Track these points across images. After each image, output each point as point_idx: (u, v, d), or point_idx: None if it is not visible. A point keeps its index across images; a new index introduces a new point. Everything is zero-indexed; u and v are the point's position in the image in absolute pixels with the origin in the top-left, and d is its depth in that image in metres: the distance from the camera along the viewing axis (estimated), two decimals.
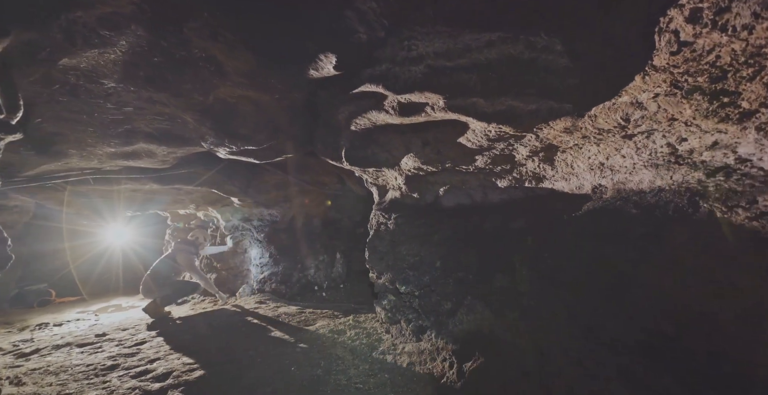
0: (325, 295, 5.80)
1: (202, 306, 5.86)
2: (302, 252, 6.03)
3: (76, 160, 3.18)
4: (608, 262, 1.80)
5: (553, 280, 2.06)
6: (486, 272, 2.51)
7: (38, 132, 2.36)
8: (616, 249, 1.78)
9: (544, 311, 2.03)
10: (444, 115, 1.97)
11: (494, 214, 2.74)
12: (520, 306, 2.14)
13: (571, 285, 1.95)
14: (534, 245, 2.33)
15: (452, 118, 2.06)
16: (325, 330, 3.54)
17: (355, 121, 2.34)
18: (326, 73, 1.77)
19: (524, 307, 2.12)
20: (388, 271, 2.94)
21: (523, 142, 2.05)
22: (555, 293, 2.02)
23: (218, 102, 2.13)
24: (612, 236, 1.82)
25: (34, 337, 4.49)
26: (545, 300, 2.05)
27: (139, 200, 5.85)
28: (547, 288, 2.09)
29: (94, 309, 6.65)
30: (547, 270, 2.12)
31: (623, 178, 1.82)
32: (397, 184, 3.13)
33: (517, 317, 2.12)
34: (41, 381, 2.54)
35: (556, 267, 2.09)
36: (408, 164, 2.76)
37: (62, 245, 8.55)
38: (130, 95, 2.04)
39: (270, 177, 4.94)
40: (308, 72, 1.76)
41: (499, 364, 2.07)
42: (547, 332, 1.94)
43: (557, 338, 1.88)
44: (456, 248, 2.67)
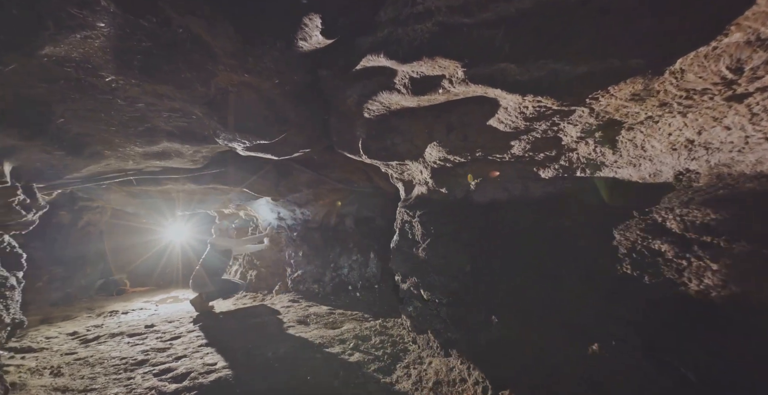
0: (359, 295, 5.62)
1: (243, 301, 6.04)
2: (335, 251, 5.92)
3: (114, 161, 3.31)
4: None
5: (613, 295, 1.61)
6: (526, 279, 2.10)
7: (66, 133, 2.42)
8: None
9: (599, 334, 1.59)
10: (466, 89, 1.63)
11: (537, 210, 2.31)
12: (568, 325, 1.72)
13: (642, 306, 1.49)
14: (588, 248, 1.88)
15: (477, 94, 1.70)
16: (351, 334, 3.34)
17: (366, 106, 2.07)
18: (317, 42, 1.53)
19: (573, 326, 1.69)
20: (413, 274, 2.64)
21: (572, 119, 1.63)
22: (616, 312, 1.58)
23: (220, 93, 2.00)
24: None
25: (104, 323, 4.94)
26: (601, 320, 1.61)
27: (196, 200, 6.15)
28: (602, 304, 1.64)
29: (156, 299, 7.22)
30: (607, 282, 1.67)
31: (727, 159, 1.32)
32: (422, 178, 2.80)
33: (567, 339, 1.70)
34: (77, 372, 2.65)
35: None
36: (432, 154, 2.43)
37: (133, 241, 9.46)
38: (135, 89, 1.97)
39: (299, 176, 4.87)
40: (297, 44, 1.53)
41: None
42: (607, 362, 1.51)
43: (624, 375, 1.44)
44: (489, 251, 2.29)
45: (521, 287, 2.04)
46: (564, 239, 2.01)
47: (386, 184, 4.36)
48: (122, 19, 1.37)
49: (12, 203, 2.74)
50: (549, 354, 1.77)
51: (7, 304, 3.68)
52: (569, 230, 2.00)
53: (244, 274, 7.21)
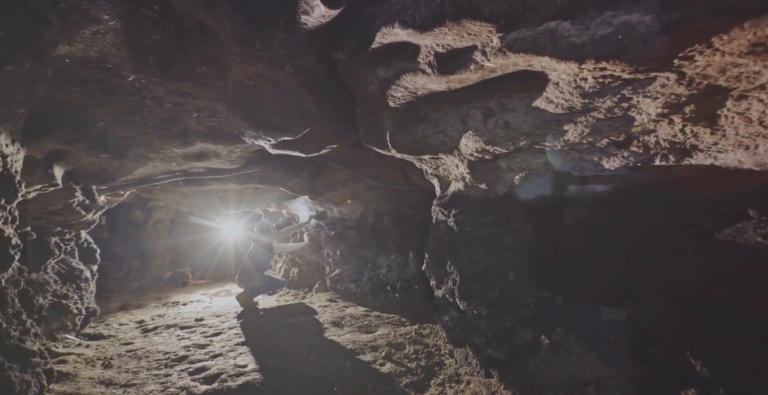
0: (397, 296, 5.42)
1: (285, 298, 6.17)
2: (372, 251, 5.78)
3: (160, 163, 3.46)
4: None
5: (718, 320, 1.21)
6: (588, 293, 1.72)
7: (109, 137, 2.52)
8: None
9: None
10: (504, 62, 1.32)
11: (599, 209, 1.91)
12: (648, 358, 1.34)
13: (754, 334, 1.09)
14: (674, 258, 1.47)
15: (519, 67, 1.38)
16: (384, 341, 3.15)
17: (390, 93, 1.84)
18: (321, 15, 1.34)
19: (656, 359, 1.31)
20: (448, 280, 2.36)
21: (650, 91, 1.25)
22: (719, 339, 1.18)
23: (238, 88, 1.91)
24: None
25: (165, 314, 5.35)
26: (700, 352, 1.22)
27: (241, 200, 6.42)
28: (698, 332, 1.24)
29: (212, 292, 7.71)
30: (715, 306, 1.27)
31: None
32: (459, 173, 2.50)
33: (645, 374, 1.33)
34: (125, 365, 2.78)
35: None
36: (468, 146, 2.13)
37: (193, 237, 10.28)
38: (159, 88, 1.94)
39: (334, 174, 4.78)
40: (300, 20, 1.35)
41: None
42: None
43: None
44: (538, 256, 1.94)
45: (587, 305, 1.67)
46: (643, 247, 1.60)
47: (422, 180, 4.09)
48: (123, 9, 1.30)
49: (72, 204, 2.95)
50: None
51: (82, 294, 4.06)
52: (649, 235, 1.59)
53: (288, 271, 7.38)
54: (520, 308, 1.94)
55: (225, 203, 6.81)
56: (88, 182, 3.11)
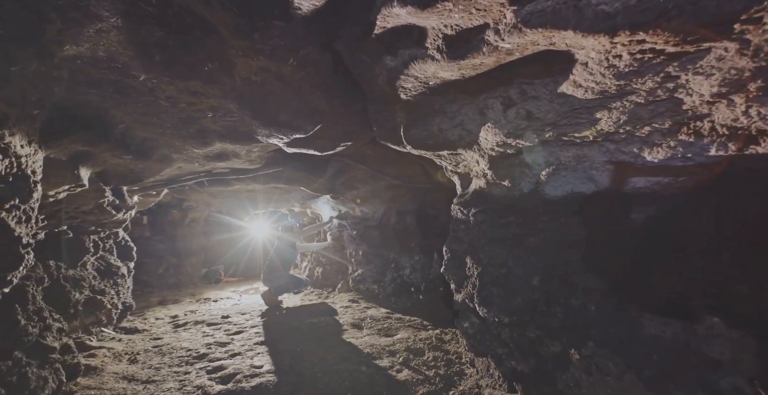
0: (421, 298, 5.28)
1: (309, 297, 6.23)
2: (395, 251, 5.66)
3: (184, 164, 3.55)
4: None
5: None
6: (626, 303, 1.51)
7: (132, 139, 2.59)
8: None
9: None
10: (521, 41, 1.16)
11: (639, 206, 1.68)
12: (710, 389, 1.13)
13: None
14: (735, 265, 1.24)
15: (540, 47, 1.22)
16: (403, 345, 3.03)
17: (400, 85, 1.72)
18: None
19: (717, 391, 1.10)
20: (467, 284, 2.20)
21: (703, 65, 1.04)
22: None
23: (246, 84, 1.87)
24: None
25: (197, 310, 5.57)
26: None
27: (266, 199, 6.54)
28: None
29: (242, 289, 7.96)
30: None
31: None
32: (480, 170, 2.33)
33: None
34: (149, 361, 2.87)
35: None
36: (488, 139, 1.96)
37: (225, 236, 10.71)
38: (170, 88, 1.95)
39: (354, 173, 4.72)
40: (294, 4, 1.26)
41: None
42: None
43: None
44: (566, 260, 1.74)
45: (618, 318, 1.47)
46: (696, 250, 1.38)
47: (444, 178, 3.93)
48: (122, 4, 1.28)
49: (103, 204, 3.08)
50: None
51: (118, 290, 4.27)
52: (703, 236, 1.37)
53: (312, 270, 7.44)
54: (547, 316, 1.75)
55: (251, 203, 6.98)
56: (117, 183, 3.24)
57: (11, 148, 1.28)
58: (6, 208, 1.27)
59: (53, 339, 1.76)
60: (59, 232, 3.00)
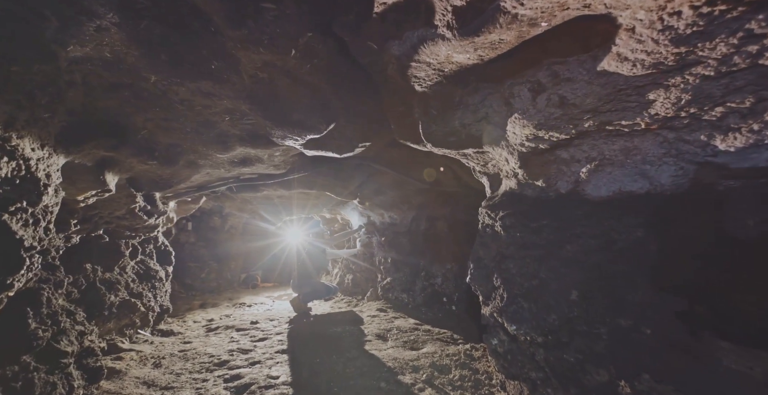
0: (454, 308, 4.99)
1: (339, 305, 6.16)
2: (426, 259, 5.43)
3: (211, 170, 3.63)
4: None
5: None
6: (694, 327, 1.21)
7: (157, 145, 2.65)
8: None
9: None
10: (545, 4, 0.96)
11: (708, 208, 1.36)
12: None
13: None
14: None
15: (572, 14, 1.00)
16: (428, 361, 2.80)
17: (413, 74, 1.56)
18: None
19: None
20: (495, 296, 1.95)
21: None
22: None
23: (254, 83, 1.81)
24: None
25: (232, 314, 5.69)
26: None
27: (302, 205, 6.61)
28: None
29: (275, 295, 8.10)
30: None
31: None
32: (510, 169, 2.09)
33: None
34: (172, 366, 2.89)
35: None
36: (516, 133, 1.73)
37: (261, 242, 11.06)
38: (182, 90, 1.95)
39: (380, 177, 4.59)
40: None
41: None
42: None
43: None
44: (612, 272, 1.45)
45: (686, 346, 1.17)
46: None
47: (473, 180, 3.67)
48: None
49: (134, 209, 3.20)
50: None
51: (155, 293, 4.45)
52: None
53: (343, 277, 7.38)
54: (589, 338, 1.46)
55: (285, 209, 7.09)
56: (149, 189, 3.36)
57: (18, 150, 1.29)
58: (10, 211, 1.28)
59: (68, 343, 1.78)
60: (96, 236, 3.15)
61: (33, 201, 1.38)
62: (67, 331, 1.82)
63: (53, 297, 1.79)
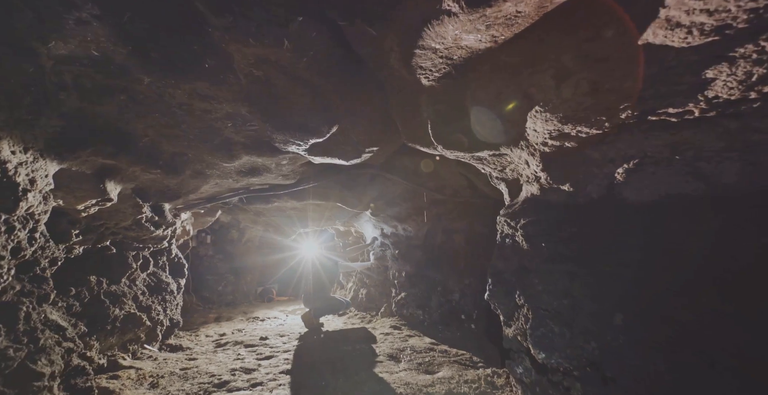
0: (473, 327, 4.65)
1: (352, 321, 5.94)
2: (442, 273, 5.14)
3: (219, 180, 3.56)
4: None
5: None
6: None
7: (161, 153, 2.59)
8: None
9: None
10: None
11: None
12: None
13: None
14: None
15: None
16: (444, 387, 2.51)
17: (419, 63, 1.39)
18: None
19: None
20: (518, 316, 1.69)
21: None
22: None
23: (250, 82, 1.70)
24: None
25: (244, 329, 5.56)
26: None
27: (314, 217, 6.50)
28: None
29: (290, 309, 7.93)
30: None
31: None
32: (531, 173, 1.86)
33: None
34: (170, 386, 2.73)
35: None
36: (538, 130, 1.52)
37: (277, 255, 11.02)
38: (179, 92, 1.86)
39: (393, 188, 4.42)
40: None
41: None
42: None
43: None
44: (666, 290, 1.18)
45: None
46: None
47: (490, 189, 3.43)
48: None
49: (141, 220, 3.14)
50: None
51: (165, 306, 4.36)
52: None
53: (357, 292, 7.13)
54: (642, 375, 1.18)
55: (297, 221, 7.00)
56: (157, 199, 3.30)
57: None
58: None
59: (46, 363, 1.65)
60: (102, 248, 3.09)
61: (7, 208, 1.29)
62: (47, 349, 1.70)
63: (34, 312, 1.68)
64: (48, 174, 1.61)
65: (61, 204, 2.09)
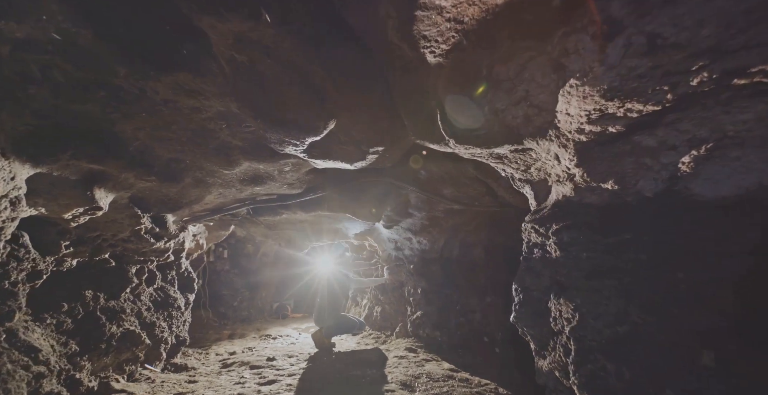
0: (498, 351, 4.19)
1: (366, 341, 5.62)
2: (461, 290, 4.74)
3: (222, 189, 3.41)
4: None
5: None
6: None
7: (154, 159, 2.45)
8: None
9: None
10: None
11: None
12: None
13: None
14: None
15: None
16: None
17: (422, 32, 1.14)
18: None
19: None
20: (555, 345, 1.34)
21: None
22: None
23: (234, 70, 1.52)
24: None
25: (255, 347, 5.32)
26: None
27: (332, 230, 6.29)
28: None
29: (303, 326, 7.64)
30: None
31: None
32: (562, 170, 1.55)
33: None
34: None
35: None
36: (571, 112, 1.23)
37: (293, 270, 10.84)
38: (161, 86, 1.72)
39: (405, 196, 4.14)
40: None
41: None
42: None
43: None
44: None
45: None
46: None
47: (512, 195, 3.10)
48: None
49: (139, 231, 3.00)
50: None
51: (171, 323, 4.16)
52: None
53: (372, 310, 6.76)
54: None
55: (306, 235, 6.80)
56: (158, 210, 3.17)
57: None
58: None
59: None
60: (100, 260, 2.95)
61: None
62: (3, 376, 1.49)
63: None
64: (15, 177, 1.45)
65: (43, 212, 1.95)
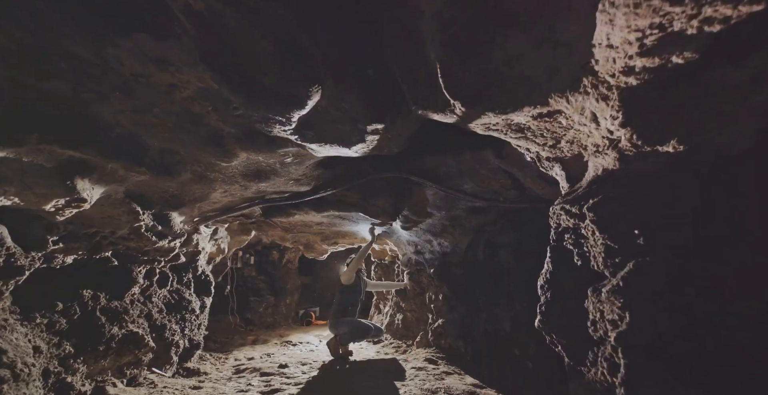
0: (531, 366, 3.72)
1: (386, 350, 5.33)
2: (486, 296, 4.31)
3: (226, 186, 3.26)
4: None
5: None
6: None
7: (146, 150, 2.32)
8: None
9: None
10: None
11: None
12: None
13: None
14: None
15: None
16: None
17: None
18: None
19: None
20: (596, 359, 0.97)
21: None
22: None
23: (196, 26, 1.31)
24: None
25: (274, 353, 5.17)
26: None
27: (355, 232, 6.07)
28: None
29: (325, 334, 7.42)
30: None
31: None
32: (602, 135, 1.19)
33: None
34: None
35: None
36: (614, 41, 0.89)
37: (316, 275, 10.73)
38: (124, 55, 1.57)
39: (421, 193, 3.82)
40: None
41: None
42: None
43: None
44: None
45: None
46: None
47: (541, 186, 2.69)
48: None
49: (139, 228, 2.88)
50: None
51: (184, 326, 4.05)
52: None
53: (393, 317, 6.41)
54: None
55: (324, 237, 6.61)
56: (161, 207, 3.06)
57: None
58: None
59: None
60: (101, 259, 2.87)
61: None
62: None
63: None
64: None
65: (17, 202, 1.84)
